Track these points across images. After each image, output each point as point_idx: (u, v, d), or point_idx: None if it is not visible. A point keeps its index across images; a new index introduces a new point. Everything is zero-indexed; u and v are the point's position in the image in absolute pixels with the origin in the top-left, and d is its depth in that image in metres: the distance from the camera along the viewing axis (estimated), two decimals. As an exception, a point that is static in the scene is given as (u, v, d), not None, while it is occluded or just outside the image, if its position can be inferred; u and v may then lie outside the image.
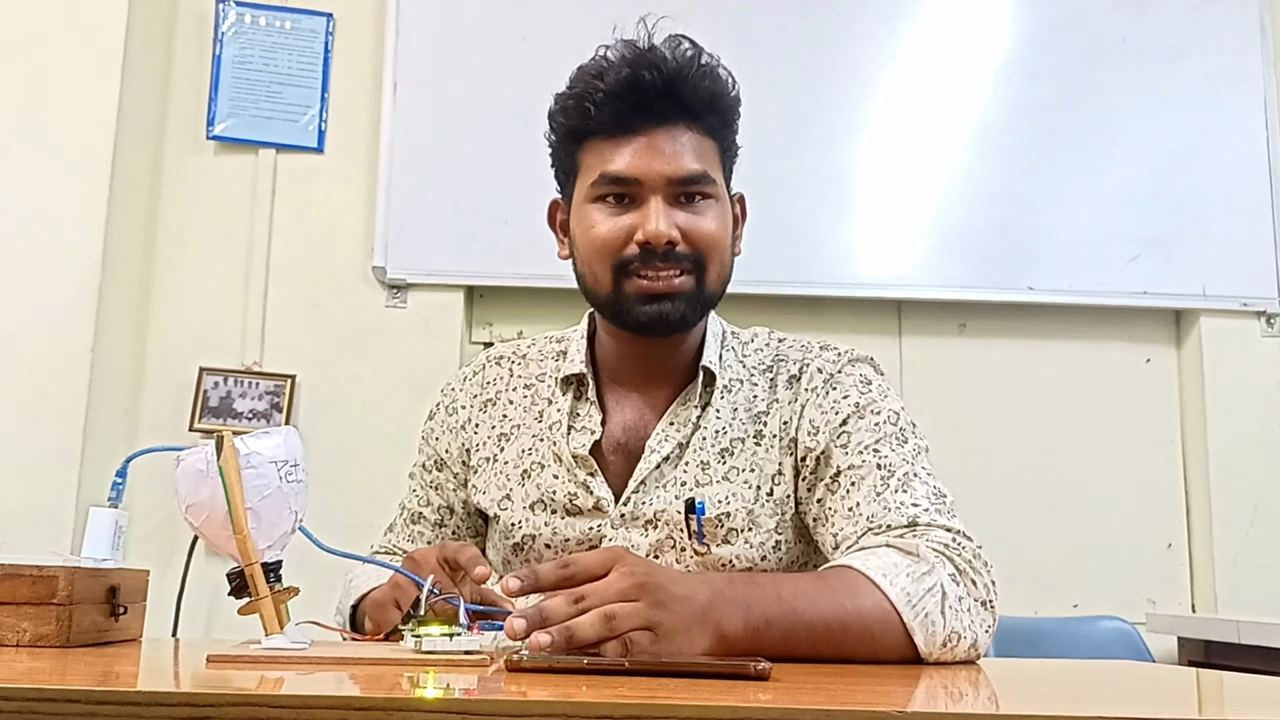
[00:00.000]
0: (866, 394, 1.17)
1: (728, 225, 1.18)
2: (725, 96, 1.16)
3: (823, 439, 1.14)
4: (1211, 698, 0.83)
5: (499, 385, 1.30)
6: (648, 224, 1.11)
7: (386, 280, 2.53)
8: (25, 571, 0.89)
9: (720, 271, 1.17)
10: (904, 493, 1.07)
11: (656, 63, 1.12)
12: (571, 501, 1.18)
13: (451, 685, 0.69)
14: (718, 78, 1.15)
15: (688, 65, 1.13)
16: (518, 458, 1.23)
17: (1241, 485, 2.52)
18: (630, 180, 1.13)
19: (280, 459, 0.85)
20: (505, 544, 1.22)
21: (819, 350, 1.23)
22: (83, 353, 2.30)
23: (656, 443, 1.18)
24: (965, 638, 0.97)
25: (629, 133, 1.13)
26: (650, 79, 1.12)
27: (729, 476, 1.16)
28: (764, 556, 1.15)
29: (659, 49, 1.13)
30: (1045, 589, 2.46)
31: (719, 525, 1.14)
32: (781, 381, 1.21)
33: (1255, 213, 2.59)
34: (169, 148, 2.59)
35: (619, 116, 1.13)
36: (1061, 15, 2.64)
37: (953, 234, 2.57)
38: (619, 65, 1.13)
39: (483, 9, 2.60)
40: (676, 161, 1.13)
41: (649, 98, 1.12)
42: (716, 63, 1.16)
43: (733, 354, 1.24)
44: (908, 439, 1.14)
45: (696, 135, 1.15)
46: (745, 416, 1.19)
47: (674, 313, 1.15)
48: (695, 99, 1.14)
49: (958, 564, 1.00)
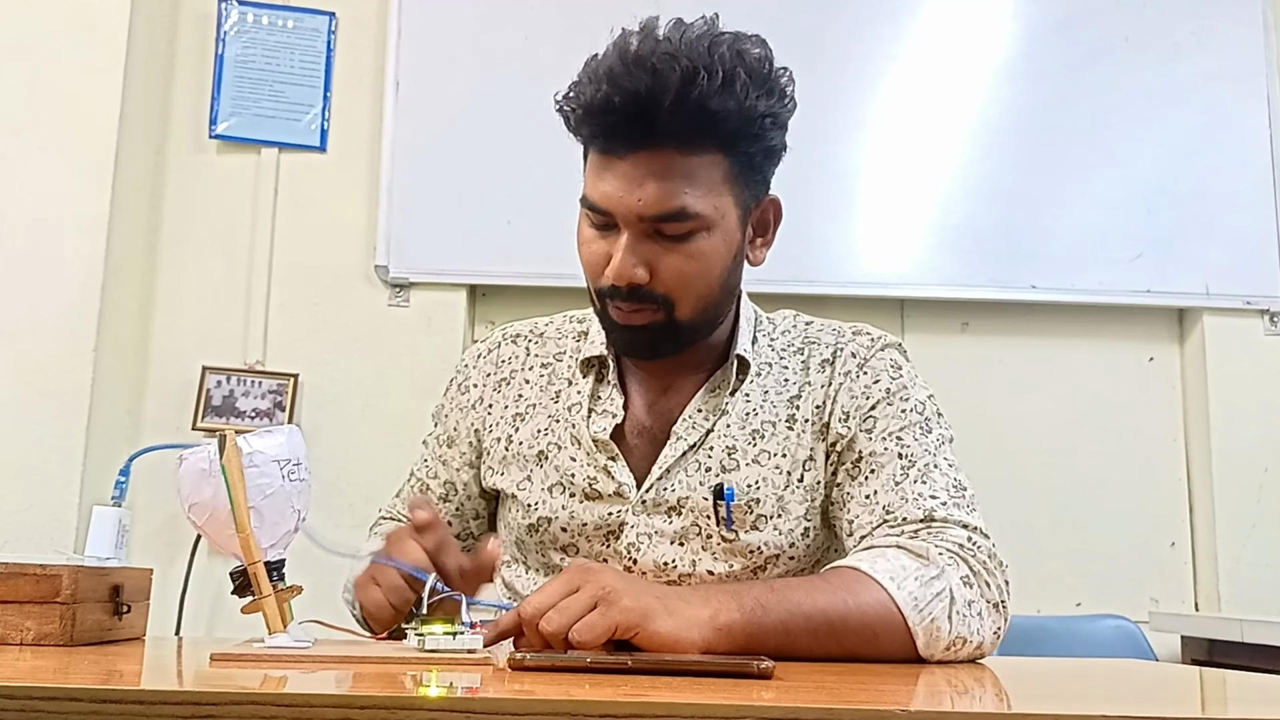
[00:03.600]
0: (897, 379, 1.16)
1: (718, 253, 1.09)
2: (736, 112, 1.03)
3: (852, 424, 1.13)
4: (1215, 697, 0.83)
5: (514, 364, 1.27)
6: (613, 263, 1.06)
7: (389, 279, 2.53)
8: (29, 570, 0.89)
9: (698, 304, 1.10)
10: (923, 484, 1.07)
11: (634, 87, 1.01)
12: (591, 486, 1.16)
13: (454, 684, 0.69)
14: (726, 91, 1.02)
15: (678, 83, 1.00)
16: (533, 438, 1.21)
17: (1245, 483, 2.52)
18: (604, 211, 1.07)
19: (283, 458, 0.85)
20: (522, 524, 1.20)
21: (851, 335, 1.21)
22: (85, 352, 2.30)
23: (684, 429, 1.15)
24: (970, 642, 0.97)
25: (611, 154, 1.06)
26: (622, 103, 1.02)
27: (759, 460, 1.14)
28: (792, 544, 1.13)
29: (646, 62, 1.01)
30: (1048, 587, 2.45)
31: (748, 511, 1.12)
32: (814, 364, 1.19)
33: (1258, 211, 2.59)
34: (171, 147, 2.59)
35: (598, 138, 1.07)
36: (1063, 14, 2.63)
37: (955, 232, 2.56)
38: (598, 81, 1.03)
39: (485, 8, 2.60)
40: (650, 197, 1.04)
41: (626, 121, 1.03)
42: (733, 67, 1.02)
43: (765, 337, 1.22)
44: (932, 428, 1.13)
45: (692, 157, 1.04)
46: (777, 400, 1.17)
47: (645, 347, 1.13)
48: (686, 121, 1.02)
49: (971, 565, 1.00)
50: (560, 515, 1.17)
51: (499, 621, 0.88)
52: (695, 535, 1.14)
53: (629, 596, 0.86)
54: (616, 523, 1.15)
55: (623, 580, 0.88)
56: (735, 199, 1.09)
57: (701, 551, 1.13)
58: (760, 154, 1.09)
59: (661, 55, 1.01)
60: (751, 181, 1.11)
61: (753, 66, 1.05)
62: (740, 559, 1.13)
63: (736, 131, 1.05)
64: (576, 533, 1.17)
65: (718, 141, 1.05)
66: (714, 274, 1.10)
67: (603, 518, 1.16)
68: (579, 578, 0.87)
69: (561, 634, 0.83)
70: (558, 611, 0.84)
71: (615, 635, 0.84)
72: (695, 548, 1.13)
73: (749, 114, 1.04)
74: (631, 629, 0.85)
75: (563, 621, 0.84)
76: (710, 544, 1.13)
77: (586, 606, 0.85)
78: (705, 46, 1.03)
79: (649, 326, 1.10)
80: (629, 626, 0.84)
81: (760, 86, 1.05)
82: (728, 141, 1.05)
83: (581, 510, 1.16)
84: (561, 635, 0.83)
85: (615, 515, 1.15)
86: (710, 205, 1.06)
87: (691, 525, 1.13)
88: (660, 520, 1.14)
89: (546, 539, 1.19)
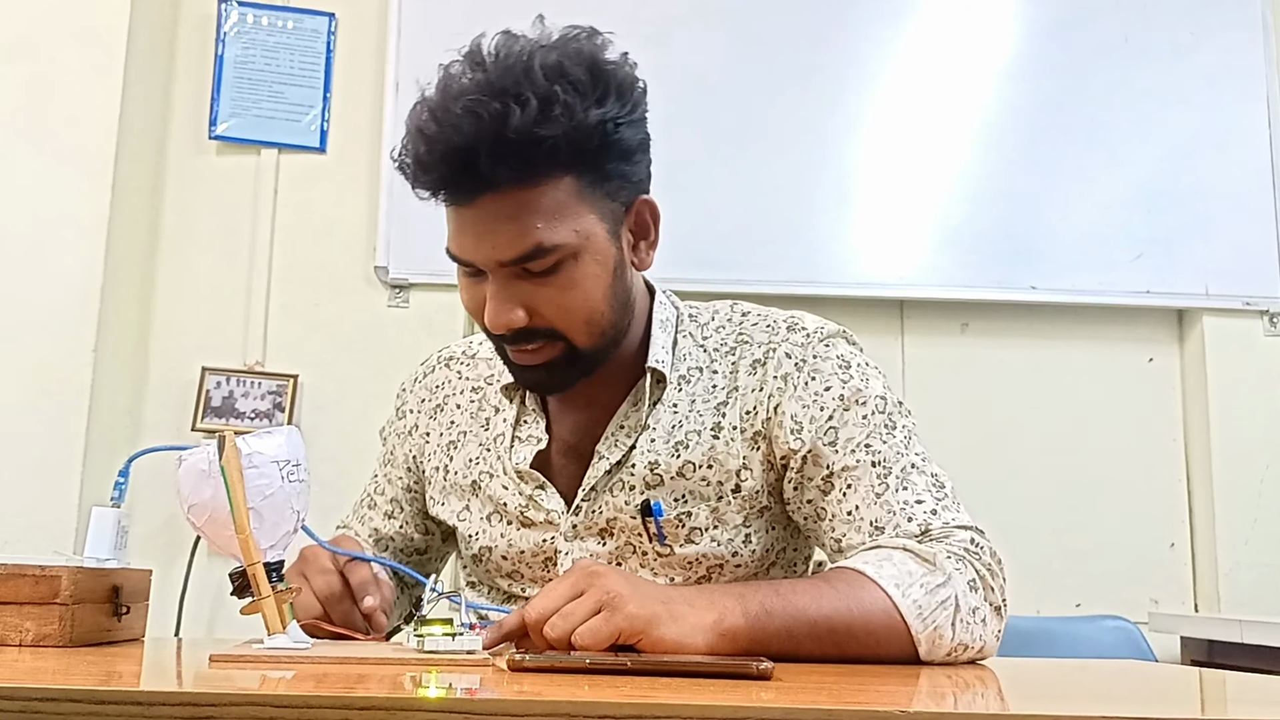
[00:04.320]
0: (849, 382, 1.09)
1: (594, 276, 1.03)
2: (565, 132, 0.97)
3: (808, 437, 1.07)
4: (1214, 697, 0.83)
5: (447, 389, 1.26)
6: (487, 313, 1.02)
7: (389, 280, 2.53)
8: (28, 571, 0.89)
9: (591, 329, 1.05)
10: (905, 490, 1.04)
11: (450, 139, 0.96)
12: (523, 513, 1.15)
13: (454, 685, 0.69)
14: (546, 117, 0.95)
15: (493, 126, 0.95)
16: (466, 467, 1.20)
17: (1244, 484, 2.52)
18: (466, 262, 1.04)
19: (282, 458, 0.85)
20: (466, 553, 1.21)
21: (786, 331, 1.13)
22: (85, 353, 2.30)
23: (606, 448, 1.11)
24: (972, 648, 0.97)
25: (456, 205, 1.01)
26: (444, 157, 0.97)
27: (684, 473, 1.10)
28: (735, 552, 1.11)
29: (453, 111, 0.96)
30: (1048, 588, 2.45)
31: (680, 525, 1.10)
32: (744, 366, 1.12)
33: (1258, 212, 2.59)
34: (171, 148, 2.59)
35: (438, 193, 1.02)
36: (1063, 14, 2.63)
37: (955, 233, 2.57)
38: (417, 140, 0.99)
39: (485, 9, 2.59)
40: (503, 242, 0.99)
41: (455, 174, 0.98)
42: (549, 88, 0.96)
43: (690, 339, 1.15)
44: (896, 425, 1.08)
45: (536, 189, 0.99)
46: (703, 407, 1.11)
47: (549, 382, 1.09)
48: (514, 158, 0.96)
49: (978, 569, 0.99)
50: (499, 544, 1.17)
51: (502, 622, 0.88)
52: (631, 554, 1.12)
53: (634, 602, 0.85)
54: (551, 549, 1.14)
55: (628, 584, 0.88)
56: (598, 214, 1.03)
57: (640, 569, 1.11)
58: (613, 159, 1.03)
59: (469, 101, 0.96)
60: (612, 189, 1.04)
61: (575, 77, 0.98)
62: (680, 571, 1.11)
63: (574, 150, 0.98)
64: (516, 560, 1.16)
65: (558, 166, 0.99)
66: (596, 297, 1.04)
67: (538, 544, 1.14)
68: (584, 581, 0.87)
69: (565, 640, 0.83)
70: (561, 617, 0.84)
71: (619, 641, 0.84)
72: (634, 566, 1.11)
73: (581, 129, 0.98)
74: (635, 635, 0.84)
75: (566, 628, 0.83)
76: (648, 560, 1.11)
77: (590, 612, 0.84)
78: (520, 70, 0.97)
79: (550, 363, 1.06)
80: (633, 633, 0.84)
81: (589, 94, 0.98)
82: (569, 162, 0.99)
83: (519, 538, 1.15)
84: (565, 641, 0.83)
85: (549, 542, 1.14)
86: (569, 232, 1.00)
87: (625, 544, 1.12)
88: (593, 543, 1.12)
89: (491, 567, 1.19)
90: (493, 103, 0.95)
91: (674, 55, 2.49)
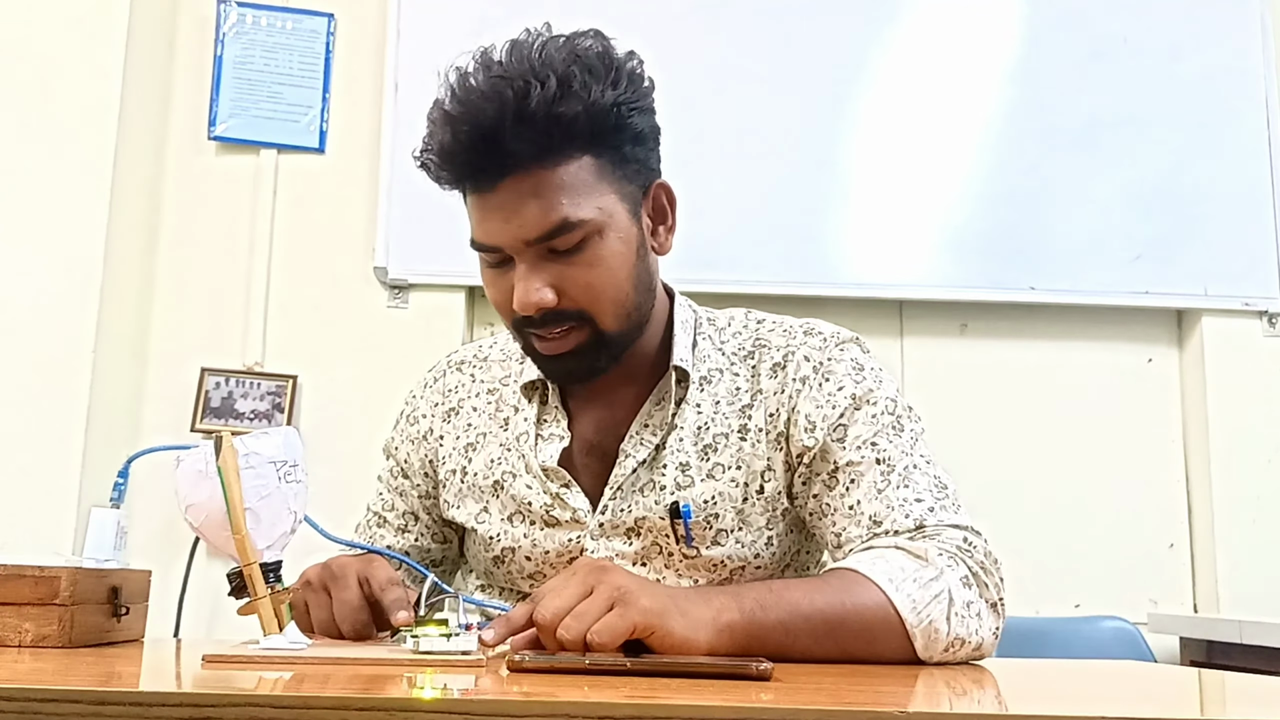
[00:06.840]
0: (861, 383, 1.12)
1: (620, 254, 1.06)
2: (584, 110, 1.01)
3: (820, 434, 1.10)
4: (1214, 698, 0.83)
5: (461, 393, 1.25)
6: (516, 294, 1.04)
7: (388, 281, 2.53)
8: (27, 572, 0.89)
9: (617, 310, 1.07)
10: (906, 488, 1.06)
11: (475, 120, 1.00)
12: (548, 513, 1.14)
13: (451, 685, 0.69)
14: (566, 94, 1.00)
15: (515, 102, 0.99)
16: (487, 468, 1.19)
17: (1243, 485, 2.52)
18: (493, 248, 1.05)
19: (279, 459, 0.85)
20: (486, 556, 1.19)
21: (803, 335, 1.16)
22: (84, 353, 2.30)
23: (631, 447, 1.13)
24: (969, 643, 0.97)
25: (482, 191, 1.04)
26: (470, 140, 1.01)
27: (714, 474, 1.12)
28: (757, 554, 1.12)
29: (478, 93, 1.00)
30: (1047, 589, 2.45)
31: (707, 527, 1.11)
32: (765, 370, 1.14)
33: (1257, 212, 2.59)
34: (170, 148, 2.59)
35: (463, 180, 1.06)
36: (1062, 15, 2.63)
37: (954, 234, 2.56)
38: (442, 127, 1.03)
39: (484, 10, 2.60)
40: (530, 220, 1.02)
41: (481, 156, 1.02)
42: (566, 69, 1.00)
43: (709, 342, 1.18)
44: (904, 426, 1.11)
45: (559, 167, 1.02)
46: (728, 410, 1.14)
47: (579, 370, 1.10)
48: (537, 135, 1.00)
49: (970, 566, 0.99)
50: (523, 544, 1.16)
51: (509, 616, 0.87)
52: (657, 554, 1.12)
53: (646, 596, 0.85)
54: (577, 548, 1.14)
55: (634, 580, 0.88)
56: (618, 193, 1.06)
57: (665, 570, 1.12)
58: (628, 142, 1.06)
59: (491, 81, 1.00)
60: (630, 172, 1.07)
61: (589, 61, 1.02)
62: (705, 574, 1.12)
63: (592, 128, 1.02)
64: (541, 560, 1.16)
65: (578, 144, 1.03)
66: (622, 275, 1.07)
67: (564, 544, 1.14)
68: (592, 578, 0.87)
69: (579, 641, 0.82)
70: (574, 618, 0.83)
71: (632, 635, 0.84)
72: (659, 566, 1.12)
73: (599, 108, 1.02)
74: (649, 629, 0.84)
75: (580, 629, 0.83)
76: (673, 562, 1.12)
77: (603, 609, 0.84)
78: (535, 58, 1.01)
79: (577, 349, 1.07)
80: (647, 627, 0.84)
81: (602, 78, 1.02)
82: (588, 141, 1.03)
83: (543, 538, 1.15)
84: (580, 643, 0.82)
85: (575, 541, 1.14)
86: (593, 208, 1.04)
87: (652, 545, 1.12)
88: (620, 542, 1.13)
89: (514, 569, 1.18)
90: (515, 81, 0.99)
91: (674, 56, 2.49)
